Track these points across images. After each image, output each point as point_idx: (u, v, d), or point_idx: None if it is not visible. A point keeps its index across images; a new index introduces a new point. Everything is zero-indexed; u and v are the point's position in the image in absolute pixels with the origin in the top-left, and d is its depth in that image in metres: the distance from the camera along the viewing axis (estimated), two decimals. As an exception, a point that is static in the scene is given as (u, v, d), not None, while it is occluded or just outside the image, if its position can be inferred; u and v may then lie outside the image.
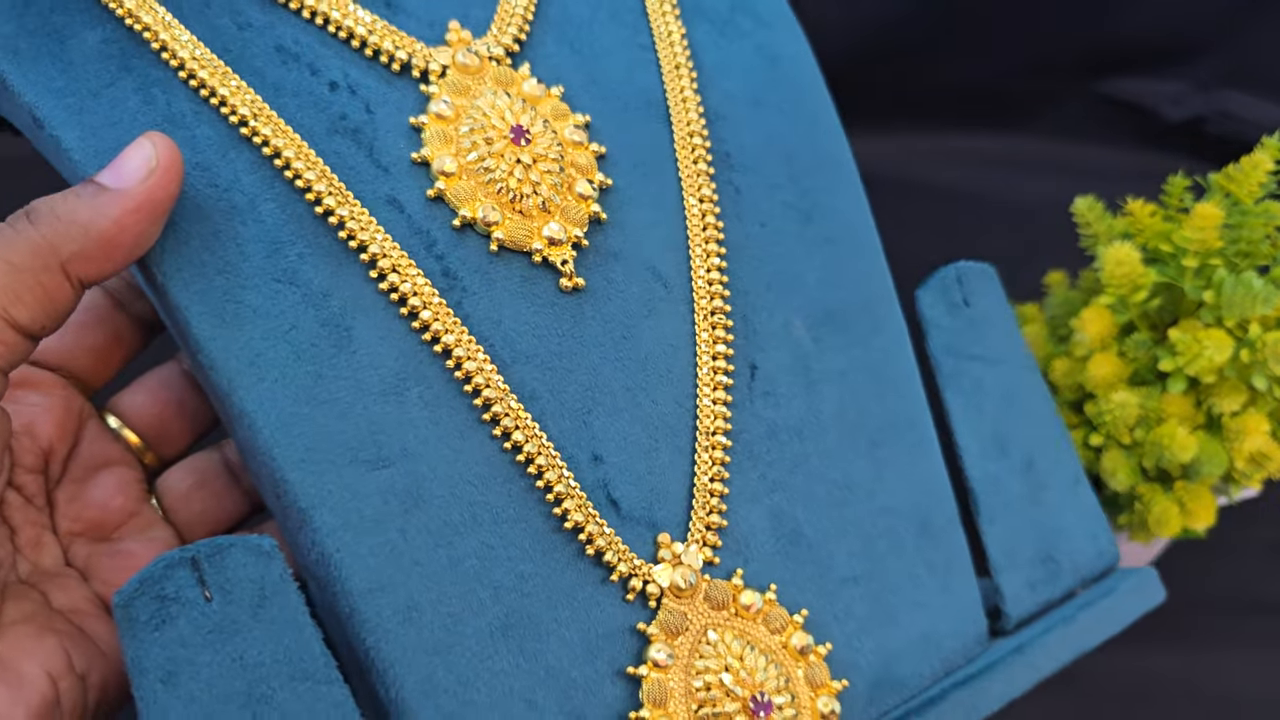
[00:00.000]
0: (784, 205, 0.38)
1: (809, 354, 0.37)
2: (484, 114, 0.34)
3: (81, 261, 0.28)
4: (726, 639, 0.32)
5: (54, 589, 0.31)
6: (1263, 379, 0.45)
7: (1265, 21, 0.76)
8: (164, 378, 0.37)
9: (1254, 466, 0.48)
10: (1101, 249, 0.47)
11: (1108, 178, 0.70)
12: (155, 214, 0.29)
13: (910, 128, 0.78)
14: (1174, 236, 0.46)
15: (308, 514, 0.29)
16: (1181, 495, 0.49)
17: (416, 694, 0.29)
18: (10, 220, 0.28)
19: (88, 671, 0.30)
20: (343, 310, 0.31)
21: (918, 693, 0.36)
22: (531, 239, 0.33)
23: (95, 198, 0.28)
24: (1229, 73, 0.78)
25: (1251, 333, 0.45)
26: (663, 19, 0.39)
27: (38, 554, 0.32)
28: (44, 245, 0.27)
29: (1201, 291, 0.46)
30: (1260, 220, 0.46)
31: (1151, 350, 0.48)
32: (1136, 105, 0.80)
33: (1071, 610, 0.38)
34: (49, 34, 0.31)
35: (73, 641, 0.30)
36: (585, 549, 0.32)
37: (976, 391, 0.40)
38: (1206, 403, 0.47)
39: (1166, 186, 0.49)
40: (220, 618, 0.27)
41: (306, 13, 0.34)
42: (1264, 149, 0.47)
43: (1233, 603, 0.62)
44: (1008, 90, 0.79)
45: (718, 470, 0.34)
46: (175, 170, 0.29)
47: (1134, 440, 0.49)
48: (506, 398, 0.32)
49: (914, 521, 0.37)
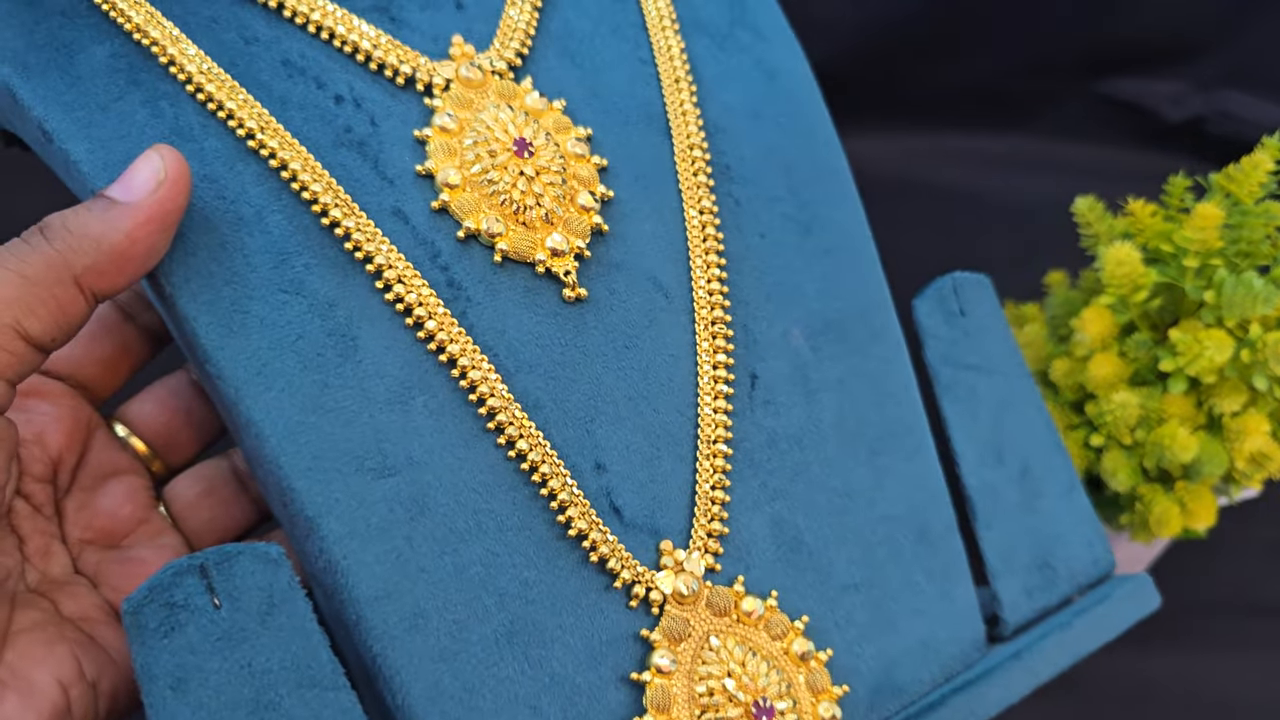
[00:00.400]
0: (783, 217, 0.39)
1: (808, 363, 0.37)
2: (487, 127, 0.35)
3: (95, 275, 0.28)
4: (729, 645, 0.33)
5: (63, 597, 0.32)
6: (1263, 379, 0.45)
7: (1265, 21, 0.76)
8: (172, 387, 0.38)
9: (1254, 467, 0.48)
10: (1102, 249, 0.47)
11: (1108, 178, 0.70)
12: (165, 226, 0.29)
13: (911, 127, 0.79)
14: (1174, 236, 0.47)
15: (315, 522, 0.29)
16: (1182, 495, 0.49)
17: (423, 700, 0.29)
18: (24, 235, 0.28)
19: (98, 679, 0.30)
20: (348, 320, 0.31)
21: (917, 698, 0.36)
22: (535, 250, 0.34)
23: (106, 212, 0.28)
24: (1229, 73, 0.78)
25: (1252, 333, 0.45)
26: (662, 34, 0.40)
27: (46, 563, 0.33)
28: (58, 259, 0.28)
29: (1202, 292, 0.46)
30: (1260, 220, 0.46)
31: (1152, 350, 0.48)
32: (1137, 105, 0.80)
33: (1068, 616, 0.39)
34: (58, 49, 0.32)
35: (83, 649, 0.30)
36: (589, 556, 0.32)
37: (972, 400, 0.40)
38: (1207, 403, 0.47)
39: (1167, 186, 0.50)
40: (229, 625, 0.27)
41: (312, 28, 0.34)
42: (1264, 149, 0.47)
43: (1233, 604, 0.63)
44: (1008, 90, 0.79)
45: (719, 478, 0.34)
46: (183, 182, 0.29)
47: (1135, 440, 0.49)
48: (510, 406, 0.32)
49: (913, 529, 0.37)
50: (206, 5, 0.34)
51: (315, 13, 0.34)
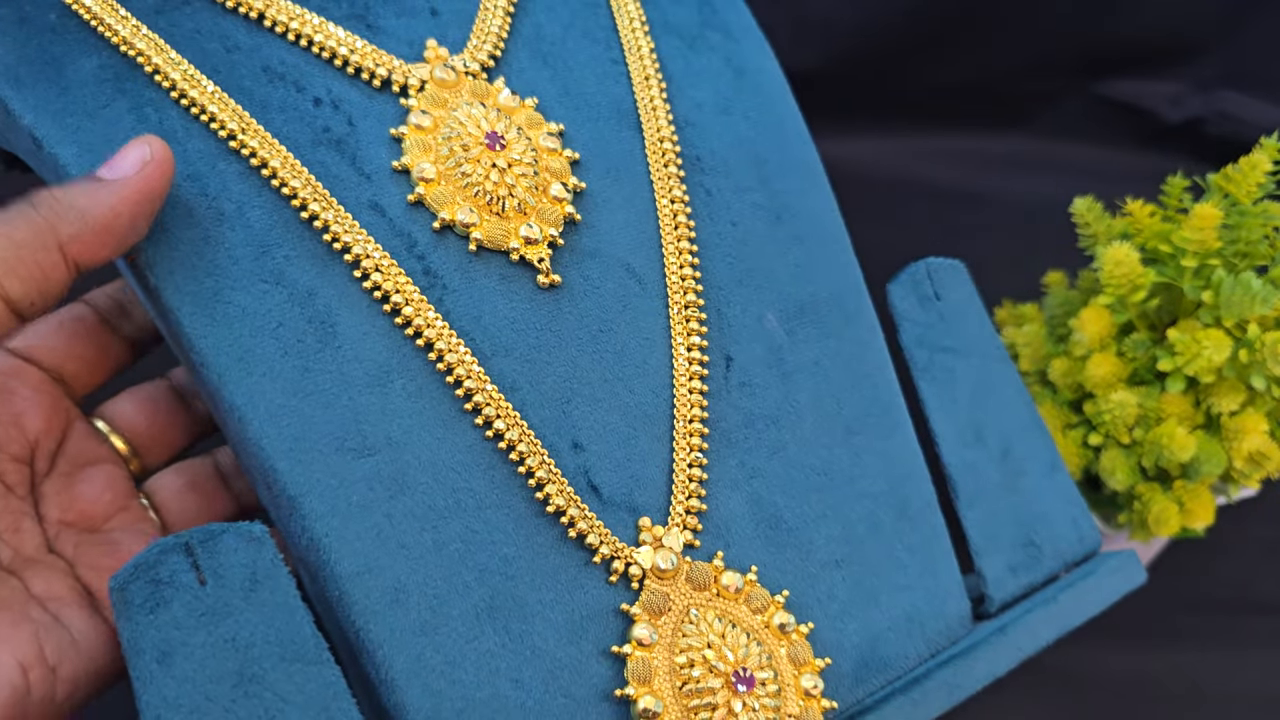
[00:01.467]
0: (754, 206, 0.40)
1: (783, 346, 0.38)
2: (460, 123, 0.36)
3: (78, 245, 0.29)
4: (709, 618, 0.33)
5: (33, 576, 0.32)
6: (1261, 379, 0.46)
7: (1264, 22, 0.76)
8: (151, 392, 0.39)
9: (1252, 466, 0.48)
10: (1100, 249, 0.48)
11: (1106, 178, 0.70)
12: (149, 202, 0.30)
13: (909, 127, 0.79)
14: (1173, 237, 0.47)
15: (296, 501, 0.30)
16: (1180, 495, 0.49)
17: (405, 674, 0.30)
18: (12, 204, 0.29)
19: (59, 664, 0.30)
20: (328, 308, 0.32)
21: (903, 673, 0.36)
22: (508, 239, 0.35)
23: (93, 184, 0.30)
24: (1228, 73, 0.78)
25: (1250, 333, 0.45)
26: (633, 35, 0.41)
27: (18, 539, 0.33)
28: (44, 225, 0.29)
29: (1200, 292, 0.46)
30: (1258, 220, 0.46)
31: (1150, 350, 0.48)
32: (1135, 106, 0.80)
33: (1053, 591, 0.39)
34: (48, 62, 0.33)
35: (46, 632, 0.30)
36: (568, 532, 0.33)
37: (950, 382, 0.41)
38: (1205, 402, 0.48)
39: (1165, 187, 0.50)
40: (213, 601, 0.28)
41: (292, 35, 0.36)
42: (1262, 149, 0.47)
43: (1231, 603, 0.62)
44: (1007, 91, 0.79)
45: (696, 456, 0.35)
46: (168, 165, 0.31)
47: (1133, 440, 0.49)
48: (488, 388, 0.33)
49: (892, 505, 0.38)
50: (189, 18, 0.35)
51: (294, 21, 0.36)
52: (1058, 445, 0.47)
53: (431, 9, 0.38)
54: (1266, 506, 0.62)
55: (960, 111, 0.79)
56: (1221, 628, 0.61)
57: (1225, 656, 0.60)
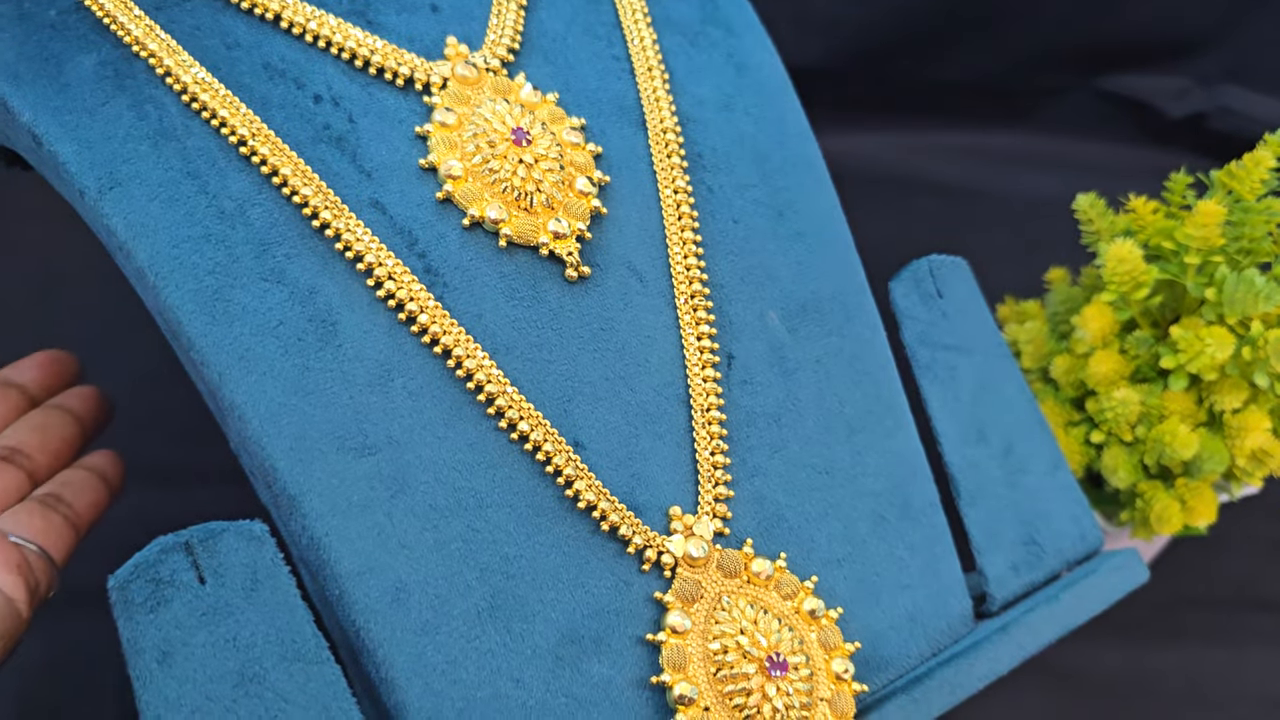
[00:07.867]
0: (755, 203, 0.40)
1: (785, 344, 0.38)
2: (485, 120, 0.36)
3: None
4: (741, 604, 0.33)
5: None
6: (1264, 376, 0.45)
7: (1267, 17, 0.76)
8: None
9: (1255, 464, 0.48)
10: (1103, 246, 0.48)
11: (1109, 174, 0.70)
12: None
13: (911, 123, 0.79)
14: (1176, 233, 0.47)
15: (297, 500, 0.30)
16: (1183, 492, 0.49)
17: (406, 673, 0.30)
18: None
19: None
20: (329, 306, 0.32)
21: (905, 672, 0.36)
22: (537, 234, 0.35)
23: None
24: (1231, 69, 0.78)
25: (1253, 330, 0.45)
26: (636, 30, 0.41)
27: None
28: None
29: (1203, 289, 0.46)
30: (1262, 217, 0.46)
31: (1153, 347, 0.48)
32: (1138, 101, 0.80)
33: (1055, 590, 0.39)
34: (47, 60, 0.33)
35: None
36: (600, 525, 0.33)
37: (952, 380, 0.41)
38: (1208, 400, 0.47)
39: (1168, 183, 0.50)
40: (214, 600, 0.28)
41: (297, 29, 0.36)
42: (1266, 145, 0.47)
43: (1234, 600, 0.62)
44: (1010, 86, 0.79)
45: (718, 444, 0.35)
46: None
47: (1135, 437, 0.49)
48: (508, 390, 0.33)
49: (894, 504, 0.38)
50: (189, 15, 0.35)
51: (311, 21, 0.36)
52: (1060, 443, 0.47)
53: (431, 5, 0.38)
54: (1269, 504, 0.62)
55: (962, 107, 0.79)
56: (1224, 625, 0.61)
57: (1227, 654, 0.60)
